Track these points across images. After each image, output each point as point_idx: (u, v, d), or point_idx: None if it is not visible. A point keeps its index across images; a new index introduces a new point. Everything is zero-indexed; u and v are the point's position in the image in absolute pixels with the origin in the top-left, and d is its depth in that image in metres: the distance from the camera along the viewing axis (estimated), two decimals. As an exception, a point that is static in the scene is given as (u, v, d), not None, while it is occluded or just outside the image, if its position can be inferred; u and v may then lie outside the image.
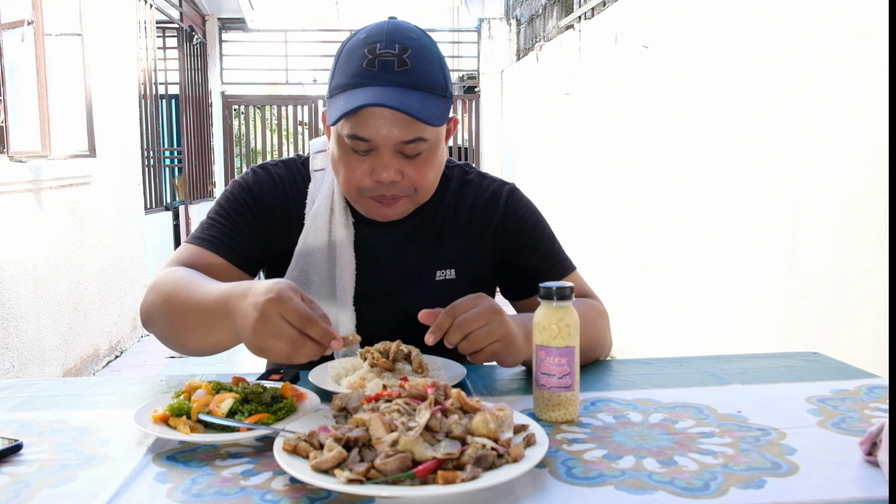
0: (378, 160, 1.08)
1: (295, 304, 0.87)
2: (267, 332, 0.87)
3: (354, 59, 1.06)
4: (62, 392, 1.08)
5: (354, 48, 1.07)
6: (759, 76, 2.71)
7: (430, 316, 1.01)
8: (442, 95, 1.09)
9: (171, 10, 6.70)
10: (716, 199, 3.06)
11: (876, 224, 2.05)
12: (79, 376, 3.89)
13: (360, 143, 1.07)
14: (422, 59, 1.07)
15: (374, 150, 1.08)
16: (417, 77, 1.06)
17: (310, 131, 9.15)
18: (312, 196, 1.23)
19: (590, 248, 4.64)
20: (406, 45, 1.06)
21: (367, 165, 1.09)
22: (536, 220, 1.29)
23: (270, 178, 1.24)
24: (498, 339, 1.00)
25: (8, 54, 3.29)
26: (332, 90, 1.09)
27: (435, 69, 1.09)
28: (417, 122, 1.05)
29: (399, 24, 1.10)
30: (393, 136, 1.06)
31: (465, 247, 1.25)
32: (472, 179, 1.29)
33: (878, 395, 1.01)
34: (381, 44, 1.06)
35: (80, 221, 4.06)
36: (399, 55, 1.05)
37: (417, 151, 1.09)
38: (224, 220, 1.20)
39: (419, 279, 1.23)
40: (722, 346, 2.97)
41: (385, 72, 1.04)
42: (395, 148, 1.08)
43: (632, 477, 0.76)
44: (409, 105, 1.02)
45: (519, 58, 7.63)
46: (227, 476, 0.77)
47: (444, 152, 1.17)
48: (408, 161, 1.09)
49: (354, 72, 1.06)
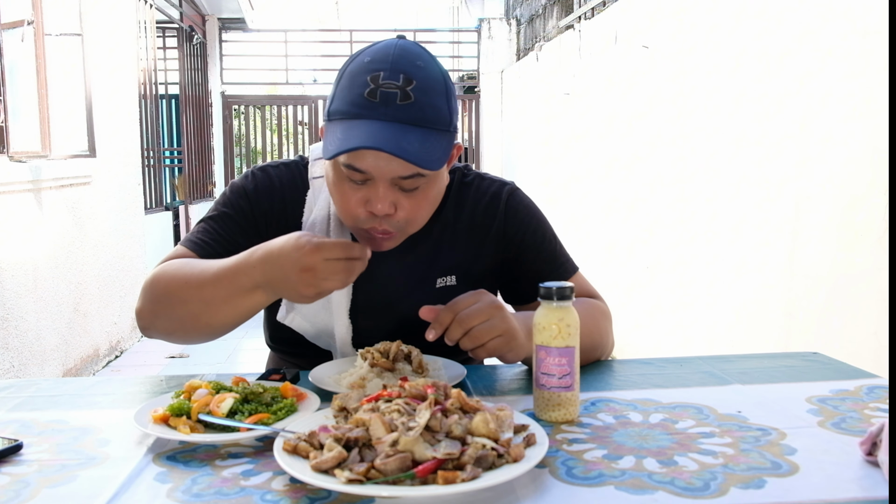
0: (374, 191, 1.03)
1: (328, 242, 0.95)
2: (318, 279, 0.95)
3: (356, 86, 1.01)
4: (62, 392, 1.08)
5: (357, 72, 1.02)
6: (759, 76, 2.71)
7: (431, 312, 1.01)
8: (445, 130, 1.03)
9: (171, 10, 6.70)
10: (716, 199, 3.06)
11: (876, 224, 2.05)
12: (79, 376, 3.89)
13: (356, 174, 1.02)
14: (426, 91, 1.01)
15: (370, 181, 1.03)
16: (420, 112, 1.00)
17: (310, 131, 9.15)
18: (310, 204, 1.20)
19: (590, 248, 4.64)
20: (411, 75, 1.00)
21: (361, 195, 1.04)
22: (538, 223, 1.27)
23: (269, 181, 1.22)
24: (499, 334, 1.00)
25: (8, 54, 3.29)
26: (330, 113, 1.04)
27: (440, 102, 1.02)
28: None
29: (406, 49, 1.03)
30: (390, 171, 1.01)
31: (465, 252, 1.23)
32: (471, 182, 1.26)
33: (878, 395, 1.01)
34: (384, 73, 0.99)
35: (80, 221, 4.06)
36: (402, 87, 0.99)
37: (415, 186, 1.04)
38: (217, 225, 1.18)
39: (419, 287, 1.21)
40: (722, 346, 2.97)
41: (386, 105, 0.98)
42: (392, 181, 1.03)
43: (632, 477, 0.75)
44: (406, 148, 0.97)
45: (519, 58, 7.63)
46: (227, 476, 0.77)
47: (443, 180, 1.13)
48: (404, 194, 1.04)
49: (355, 100, 1.00)
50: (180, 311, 1.06)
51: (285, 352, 1.31)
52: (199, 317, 1.05)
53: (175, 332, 1.10)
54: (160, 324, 1.09)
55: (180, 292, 1.05)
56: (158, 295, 1.07)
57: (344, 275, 0.96)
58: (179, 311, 1.06)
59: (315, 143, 1.29)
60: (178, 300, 1.05)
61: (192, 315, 1.06)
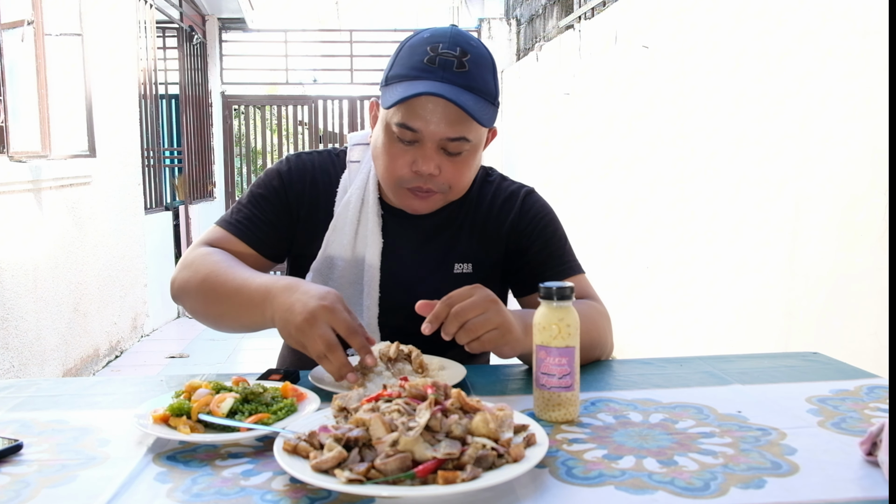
0: (421, 152, 1.12)
1: (344, 317, 0.98)
2: (313, 332, 0.96)
3: (416, 54, 1.11)
4: (62, 392, 1.08)
5: (417, 44, 1.12)
6: (759, 76, 2.71)
7: (427, 307, 1.02)
8: (492, 103, 1.14)
9: (171, 10, 6.69)
10: (716, 199, 3.06)
11: (876, 224, 2.05)
12: (79, 376, 3.89)
13: (407, 133, 1.11)
14: (479, 65, 1.12)
15: (418, 142, 1.13)
16: (473, 80, 1.10)
17: (310, 131, 9.14)
18: (345, 185, 1.27)
19: (590, 248, 4.64)
20: (466, 49, 1.11)
21: (409, 156, 1.13)
22: (550, 220, 1.32)
23: (303, 165, 1.29)
24: (495, 327, 1.00)
25: (8, 54, 3.29)
26: (388, 79, 1.14)
27: (489, 77, 1.14)
28: (464, 122, 1.10)
29: (463, 31, 1.16)
30: (440, 131, 1.10)
31: (481, 243, 1.29)
32: (493, 181, 1.34)
33: (878, 395, 1.01)
34: (443, 44, 1.11)
35: (80, 221, 4.06)
36: (459, 57, 1.10)
37: (459, 150, 1.14)
38: (253, 206, 1.25)
39: (438, 271, 1.27)
40: (722, 346, 2.97)
41: (444, 70, 1.09)
42: (439, 143, 1.12)
43: (632, 477, 0.75)
44: (464, 102, 1.07)
45: (519, 58, 7.63)
46: (227, 476, 0.77)
47: (479, 160, 1.22)
48: (448, 158, 1.14)
49: (415, 65, 1.10)
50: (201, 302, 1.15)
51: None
52: (209, 316, 1.17)
53: (195, 314, 1.19)
54: (187, 303, 1.18)
55: (208, 291, 1.13)
56: (193, 282, 1.16)
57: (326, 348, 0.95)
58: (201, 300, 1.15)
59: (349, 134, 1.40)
60: (205, 297, 1.14)
61: (204, 311, 1.16)
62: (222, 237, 1.24)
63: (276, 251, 1.28)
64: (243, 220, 1.24)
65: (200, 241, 1.24)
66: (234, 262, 1.16)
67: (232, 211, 1.27)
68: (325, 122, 8.71)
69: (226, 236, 1.23)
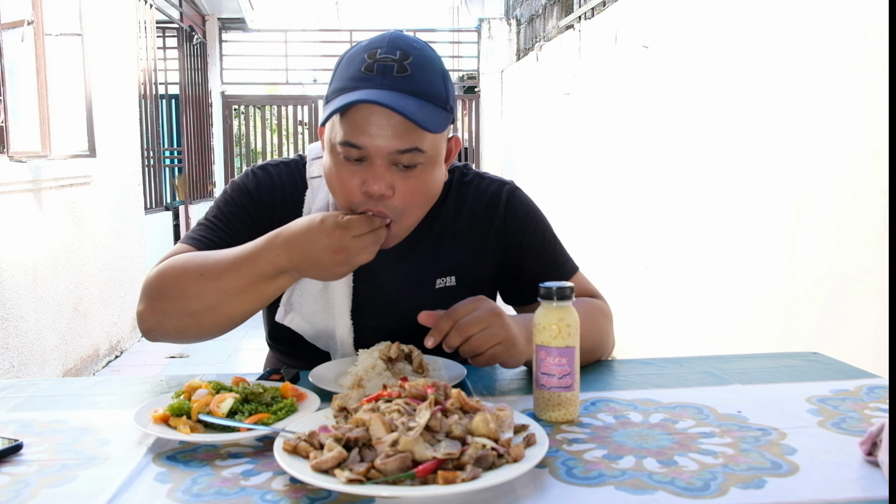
0: (371, 171, 1.01)
1: (354, 220, 0.98)
2: (351, 256, 0.98)
3: (353, 64, 1.02)
4: (62, 392, 1.08)
5: (355, 54, 1.03)
6: (759, 76, 2.71)
7: (431, 318, 1.00)
8: (442, 107, 1.02)
9: (171, 10, 6.70)
10: (716, 199, 3.06)
11: (876, 224, 2.05)
12: (79, 376, 3.89)
13: (353, 151, 1.01)
14: (423, 67, 1.01)
15: (366, 160, 1.01)
16: (416, 84, 1.00)
17: (310, 131, 9.15)
18: (308, 204, 1.19)
19: (590, 248, 4.64)
20: (408, 52, 1.01)
21: (358, 177, 1.02)
22: (538, 223, 1.26)
23: (270, 179, 1.21)
24: (499, 342, 0.99)
25: (8, 54, 3.29)
26: (328, 96, 1.05)
27: (436, 79, 1.03)
28: (414, 131, 0.99)
29: (404, 35, 1.05)
30: (388, 145, 0.99)
31: (465, 253, 1.22)
32: (470, 181, 1.25)
33: (878, 395, 1.01)
34: (381, 49, 1.01)
35: (80, 221, 4.06)
36: (400, 61, 1.00)
37: (413, 163, 1.02)
38: (220, 222, 1.17)
39: (419, 287, 1.20)
40: (722, 346, 2.97)
41: (384, 76, 0.99)
42: (390, 158, 1.00)
43: (632, 477, 0.75)
44: (404, 107, 0.96)
45: (519, 58, 7.63)
46: (227, 476, 0.77)
47: (441, 175, 1.10)
48: (401, 174, 1.02)
49: (352, 76, 1.01)
50: (195, 305, 1.03)
51: (284, 352, 1.30)
52: (217, 308, 1.03)
53: (186, 330, 1.06)
54: (169, 323, 1.05)
55: (194, 285, 1.02)
56: (167, 292, 1.04)
57: (374, 247, 1.00)
58: (194, 305, 1.03)
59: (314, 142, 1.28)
60: (193, 294, 1.02)
61: (208, 307, 1.03)
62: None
63: None
64: (212, 236, 1.15)
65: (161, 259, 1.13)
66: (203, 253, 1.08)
67: (198, 228, 1.18)
68: (325, 122, 8.71)
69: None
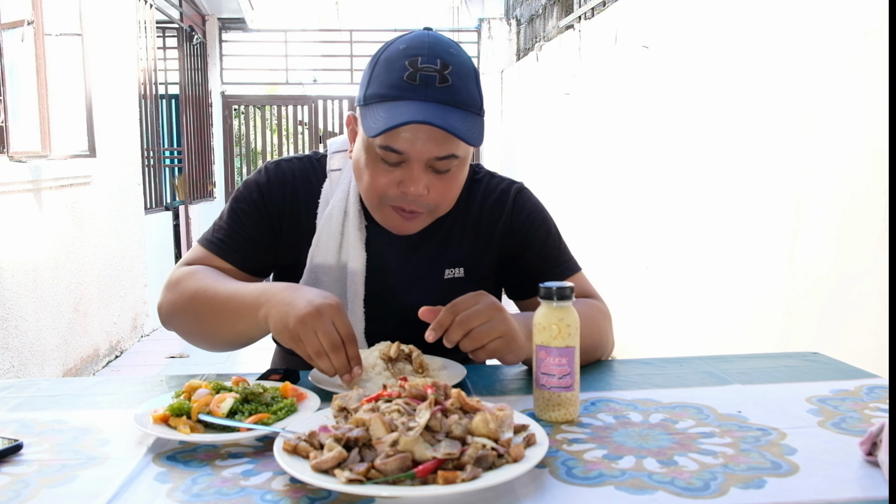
0: (408, 173, 1.07)
1: (347, 320, 0.98)
2: (314, 325, 0.95)
3: (394, 70, 1.05)
4: (62, 392, 1.08)
5: (393, 58, 1.06)
6: (759, 76, 2.71)
7: (431, 313, 1.01)
8: (478, 114, 1.09)
9: (171, 10, 6.70)
10: (716, 199, 3.06)
11: (876, 224, 2.05)
12: (79, 376, 3.89)
13: (392, 155, 1.06)
14: (461, 76, 1.06)
15: (404, 163, 1.07)
16: (457, 95, 1.05)
17: (310, 131, 9.15)
18: (326, 196, 1.23)
19: (590, 248, 4.64)
20: (447, 60, 1.05)
21: (394, 176, 1.08)
22: (543, 220, 1.29)
23: (282, 175, 1.24)
24: (499, 335, 1.00)
25: (8, 54, 3.29)
26: (367, 98, 1.07)
27: (472, 87, 1.08)
28: (452, 139, 1.05)
29: (439, 37, 1.09)
30: (427, 152, 1.05)
31: (473, 245, 1.26)
32: (481, 179, 1.29)
33: (878, 395, 1.01)
34: (422, 57, 1.04)
35: (80, 221, 4.06)
36: (440, 71, 1.04)
37: (448, 167, 1.09)
38: (233, 222, 1.22)
39: (429, 276, 1.23)
40: (722, 346, 2.97)
41: (427, 87, 1.03)
42: (427, 163, 1.07)
43: (632, 477, 0.75)
44: (452, 124, 1.02)
45: (519, 58, 7.63)
46: (227, 476, 0.77)
47: (467, 168, 1.18)
48: (436, 176, 1.09)
49: (395, 83, 1.04)
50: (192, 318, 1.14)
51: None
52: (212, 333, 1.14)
53: (188, 335, 1.18)
54: (178, 323, 1.17)
55: (199, 306, 1.12)
56: (181, 301, 1.14)
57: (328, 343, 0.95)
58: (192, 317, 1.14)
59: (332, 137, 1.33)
60: (195, 312, 1.13)
61: (206, 329, 1.14)
62: (204, 256, 1.21)
63: (259, 266, 1.24)
64: (225, 238, 1.21)
65: (182, 261, 1.22)
66: (222, 276, 1.15)
67: (212, 229, 1.24)
68: (324, 122, 8.71)
69: (207, 256, 1.21)
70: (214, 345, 1.17)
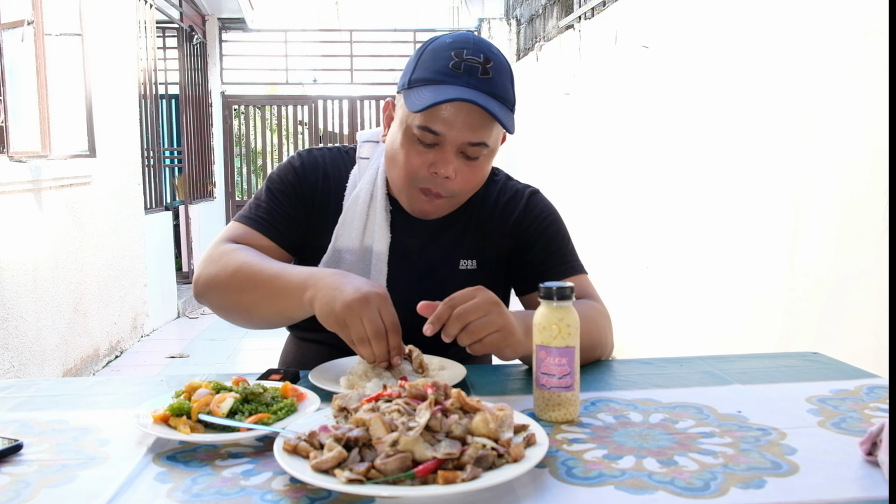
0: (441, 155, 1.14)
1: (393, 309, 1.01)
2: (360, 312, 0.98)
3: (441, 59, 1.13)
4: (62, 392, 1.08)
5: (441, 49, 1.14)
6: (759, 76, 2.71)
7: (429, 308, 1.02)
8: (510, 109, 1.16)
9: (171, 10, 6.69)
10: (716, 199, 3.06)
11: (876, 224, 2.05)
12: (79, 376, 3.89)
13: (429, 136, 1.13)
14: (500, 72, 1.14)
15: (438, 146, 1.14)
16: (496, 87, 1.12)
17: (310, 131, 9.14)
18: (354, 180, 1.29)
19: (590, 248, 4.64)
20: (489, 56, 1.14)
21: (427, 158, 1.15)
22: (553, 220, 1.34)
23: (314, 160, 1.31)
24: (497, 329, 1.00)
25: (8, 54, 3.29)
26: (413, 81, 1.15)
27: (509, 84, 1.16)
28: (486, 127, 1.13)
29: (482, 38, 1.18)
30: (463, 136, 1.12)
31: (486, 239, 1.31)
32: (498, 180, 1.36)
33: (878, 395, 1.01)
34: (467, 50, 1.13)
35: (80, 221, 4.06)
36: (483, 64, 1.12)
37: (477, 155, 1.16)
38: (271, 201, 1.27)
39: (444, 266, 1.29)
40: (722, 346, 2.97)
41: (470, 76, 1.11)
42: (459, 147, 1.14)
43: (632, 477, 0.75)
44: (493, 108, 1.09)
45: (519, 58, 7.63)
46: (227, 476, 0.77)
47: (491, 163, 1.24)
48: (465, 162, 1.16)
49: (440, 69, 1.12)
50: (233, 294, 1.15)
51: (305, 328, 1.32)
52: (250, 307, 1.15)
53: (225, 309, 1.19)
54: (215, 298, 1.18)
55: (242, 281, 1.14)
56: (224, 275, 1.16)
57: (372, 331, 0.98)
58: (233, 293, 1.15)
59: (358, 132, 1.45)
60: (238, 287, 1.14)
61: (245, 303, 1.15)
62: (244, 233, 1.25)
63: (296, 244, 1.29)
64: (264, 214, 1.26)
65: (221, 238, 1.25)
66: (265, 256, 1.18)
67: (250, 207, 1.29)
68: (325, 122, 8.71)
69: (248, 231, 1.25)
70: (251, 321, 1.19)
